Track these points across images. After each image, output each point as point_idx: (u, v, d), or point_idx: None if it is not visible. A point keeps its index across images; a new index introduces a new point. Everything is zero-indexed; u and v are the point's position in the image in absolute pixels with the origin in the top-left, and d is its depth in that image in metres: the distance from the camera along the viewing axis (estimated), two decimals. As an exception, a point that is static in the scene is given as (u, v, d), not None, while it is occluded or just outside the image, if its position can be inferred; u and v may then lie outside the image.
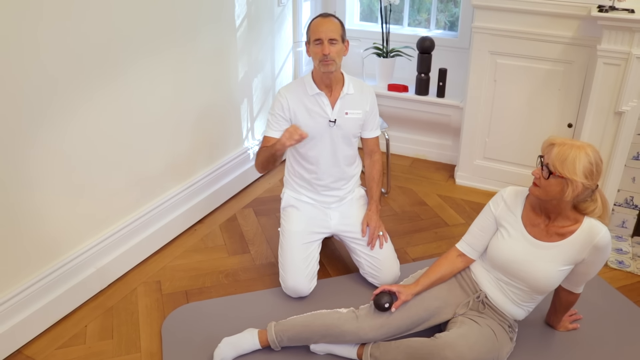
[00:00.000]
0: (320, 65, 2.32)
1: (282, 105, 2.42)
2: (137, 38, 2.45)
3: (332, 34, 2.29)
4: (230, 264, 2.76)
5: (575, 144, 1.81)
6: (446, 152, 3.82)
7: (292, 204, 2.56)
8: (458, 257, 2.15)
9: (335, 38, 2.30)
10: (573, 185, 1.79)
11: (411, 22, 3.93)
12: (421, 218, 3.18)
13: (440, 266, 2.13)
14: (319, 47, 2.30)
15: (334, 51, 2.30)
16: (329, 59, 2.29)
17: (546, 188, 1.85)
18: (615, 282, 2.61)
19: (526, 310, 2.10)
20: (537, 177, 1.87)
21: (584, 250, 1.92)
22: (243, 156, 3.39)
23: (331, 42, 2.30)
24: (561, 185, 1.81)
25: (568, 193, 1.81)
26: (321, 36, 2.29)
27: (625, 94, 2.69)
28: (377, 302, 2.04)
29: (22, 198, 2.12)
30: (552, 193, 1.85)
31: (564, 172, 1.78)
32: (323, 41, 2.29)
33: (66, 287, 2.36)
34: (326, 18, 2.34)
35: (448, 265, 2.14)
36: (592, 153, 1.80)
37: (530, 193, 1.94)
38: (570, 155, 1.78)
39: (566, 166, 1.78)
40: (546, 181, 1.83)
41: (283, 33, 3.56)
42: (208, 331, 2.28)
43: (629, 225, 2.98)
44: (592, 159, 1.79)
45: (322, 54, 2.29)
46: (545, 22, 2.96)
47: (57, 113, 2.17)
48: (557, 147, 1.81)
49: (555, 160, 1.80)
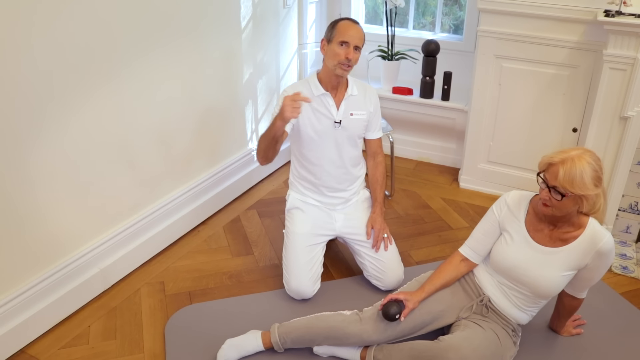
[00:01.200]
0: (337, 67, 2.31)
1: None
2: (142, 38, 2.46)
3: (358, 42, 2.30)
4: (234, 265, 2.76)
5: (573, 155, 1.78)
6: (450, 155, 3.82)
7: (297, 205, 2.56)
8: (462, 261, 2.15)
9: (359, 45, 2.31)
10: (587, 199, 1.80)
11: (416, 25, 3.93)
12: (425, 221, 3.18)
13: (444, 272, 2.13)
14: (344, 49, 2.28)
15: (356, 58, 2.31)
16: (350, 64, 2.30)
17: (560, 207, 1.84)
18: (619, 288, 2.61)
19: (530, 315, 2.09)
20: (547, 199, 1.85)
21: (587, 256, 1.91)
22: (247, 158, 3.40)
23: (355, 49, 2.30)
24: (575, 201, 1.81)
25: (585, 206, 1.82)
26: (349, 40, 2.28)
27: (631, 99, 2.68)
28: (385, 312, 2.02)
29: (25, 198, 2.12)
30: (567, 210, 1.85)
31: (576, 191, 1.77)
32: (350, 45, 2.28)
33: (70, 287, 2.37)
34: (355, 24, 2.33)
35: (452, 270, 2.13)
36: (591, 159, 1.79)
37: (542, 213, 1.91)
38: (577, 173, 1.76)
39: (577, 184, 1.77)
40: (559, 202, 1.82)
41: (288, 35, 3.57)
42: (211, 332, 2.28)
43: (633, 230, 2.97)
44: (595, 165, 1.79)
45: (345, 57, 2.28)
46: (551, 26, 2.96)
47: (61, 114, 2.17)
48: (560, 167, 1.78)
49: (564, 182, 1.77)
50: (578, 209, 1.85)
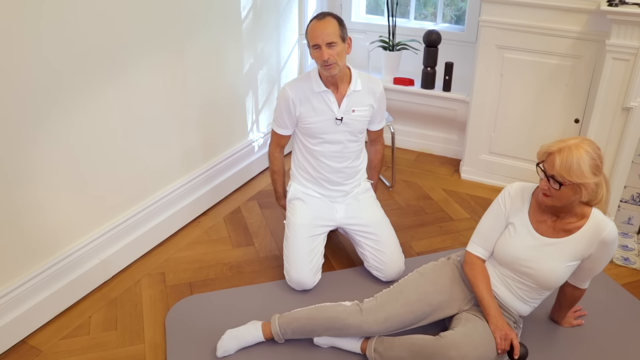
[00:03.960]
0: (322, 69, 2.28)
1: (288, 102, 2.40)
2: (141, 30, 2.44)
3: (329, 38, 2.20)
4: (234, 256, 2.76)
5: (570, 144, 1.78)
6: (452, 146, 3.81)
7: (299, 196, 2.55)
8: (483, 262, 2.12)
9: (333, 41, 2.21)
10: (586, 187, 1.79)
11: (417, 15, 3.90)
12: (426, 212, 3.17)
13: (484, 279, 2.06)
14: (318, 51, 2.23)
15: (334, 54, 2.22)
16: (329, 63, 2.23)
17: (559, 197, 1.83)
18: (620, 279, 2.60)
19: (532, 306, 2.09)
20: (546, 189, 1.85)
21: (591, 246, 1.91)
22: (248, 149, 3.39)
23: (330, 46, 2.21)
24: (574, 190, 1.80)
25: (584, 195, 1.81)
26: (318, 41, 2.21)
27: (633, 90, 2.66)
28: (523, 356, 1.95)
29: (26, 190, 2.12)
30: (567, 199, 1.84)
31: (573, 179, 1.77)
32: (321, 46, 2.21)
33: (70, 279, 2.37)
34: (322, 20, 2.23)
35: (486, 273, 2.09)
36: (590, 147, 1.78)
37: (543, 203, 1.91)
38: (574, 161, 1.75)
39: (574, 173, 1.76)
40: (558, 191, 1.82)
41: (289, 25, 3.55)
42: (212, 323, 2.28)
43: (634, 222, 2.96)
44: (593, 153, 1.78)
45: (321, 60, 2.23)
46: (553, 16, 2.93)
47: (60, 106, 2.16)
48: (557, 156, 1.78)
49: (561, 171, 1.77)
50: (579, 199, 1.84)
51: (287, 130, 2.50)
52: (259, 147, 3.50)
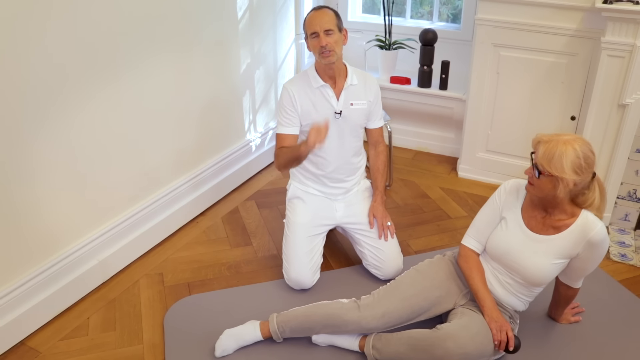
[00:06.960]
0: (320, 57, 2.32)
1: (290, 99, 2.42)
2: (139, 30, 2.44)
3: (326, 25, 2.29)
4: (233, 256, 2.76)
5: (562, 139, 1.79)
6: (449, 144, 3.82)
7: (298, 195, 2.56)
8: (477, 256, 2.13)
9: (330, 28, 2.29)
10: (564, 182, 1.79)
11: (414, 14, 3.91)
12: (423, 211, 3.18)
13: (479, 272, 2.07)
14: (316, 39, 2.30)
15: (332, 41, 2.29)
16: (327, 49, 2.29)
17: (539, 186, 1.85)
18: (617, 275, 2.61)
19: (525, 302, 2.09)
20: (530, 176, 1.88)
21: (578, 245, 1.91)
22: (245, 148, 3.39)
23: (327, 33, 2.29)
24: (552, 183, 1.81)
25: (560, 190, 1.81)
26: (316, 29, 2.29)
27: (629, 87, 2.67)
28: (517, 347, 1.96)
29: (24, 191, 2.12)
30: (545, 191, 1.85)
31: (552, 171, 1.78)
32: (319, 33, 2.29)
33: (69, 280, 2.37)
34: (319, 10, 2.34)
35: (480, 268, 2.10)
36: (580, 147, 1.78)
37: (527, 191, 1.95)
38: (556, 153, 1.76)
39: (553, 164, 1.77)
40: (538, 180, 1.83)
41: (285, 24, 3.55)
42: (210, 323, 2.28)
43: (631, 218, 2.97)
44: (580, 153, 1.77)
45: (320, 46, 2.29)
46: (549, 14, 2.94)
47: (60, 105, 2.16)
48: (544, 145, 1.80)
49: (542, 159, 1.79)
50: (555, 193, 1.83)
51: (293, 129, 2.46)
52: (257, 147, 3.50)
